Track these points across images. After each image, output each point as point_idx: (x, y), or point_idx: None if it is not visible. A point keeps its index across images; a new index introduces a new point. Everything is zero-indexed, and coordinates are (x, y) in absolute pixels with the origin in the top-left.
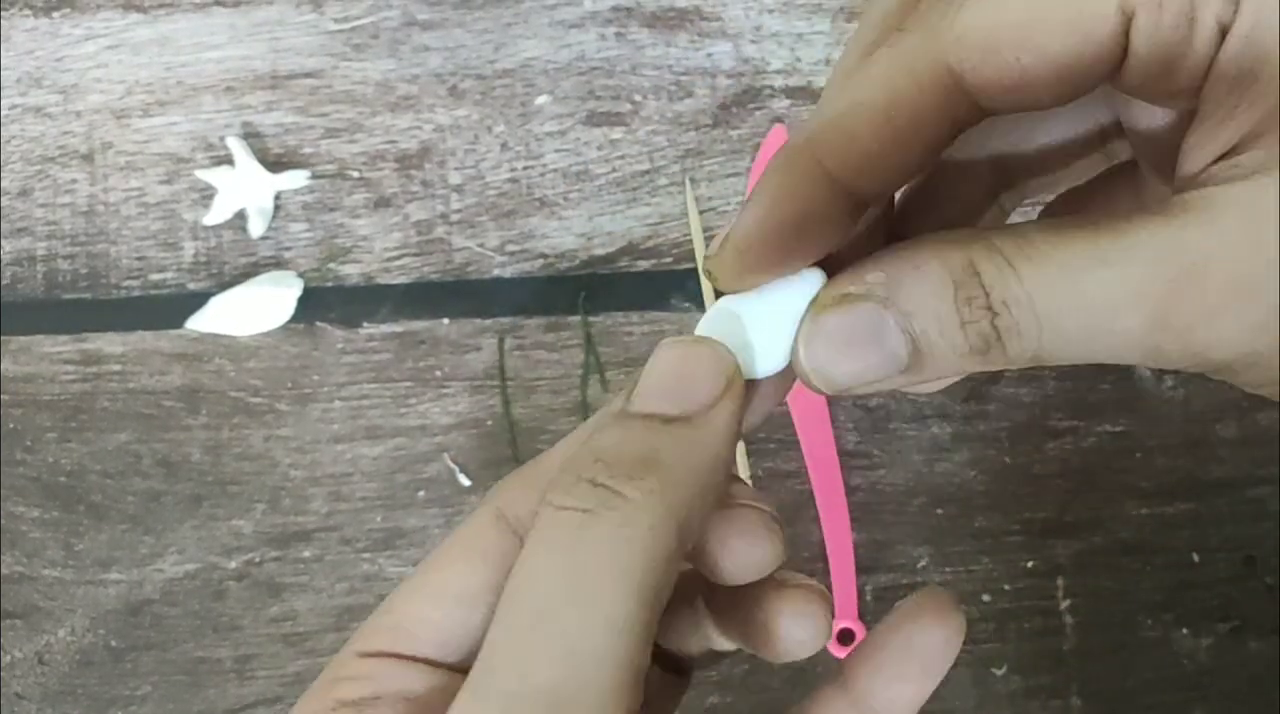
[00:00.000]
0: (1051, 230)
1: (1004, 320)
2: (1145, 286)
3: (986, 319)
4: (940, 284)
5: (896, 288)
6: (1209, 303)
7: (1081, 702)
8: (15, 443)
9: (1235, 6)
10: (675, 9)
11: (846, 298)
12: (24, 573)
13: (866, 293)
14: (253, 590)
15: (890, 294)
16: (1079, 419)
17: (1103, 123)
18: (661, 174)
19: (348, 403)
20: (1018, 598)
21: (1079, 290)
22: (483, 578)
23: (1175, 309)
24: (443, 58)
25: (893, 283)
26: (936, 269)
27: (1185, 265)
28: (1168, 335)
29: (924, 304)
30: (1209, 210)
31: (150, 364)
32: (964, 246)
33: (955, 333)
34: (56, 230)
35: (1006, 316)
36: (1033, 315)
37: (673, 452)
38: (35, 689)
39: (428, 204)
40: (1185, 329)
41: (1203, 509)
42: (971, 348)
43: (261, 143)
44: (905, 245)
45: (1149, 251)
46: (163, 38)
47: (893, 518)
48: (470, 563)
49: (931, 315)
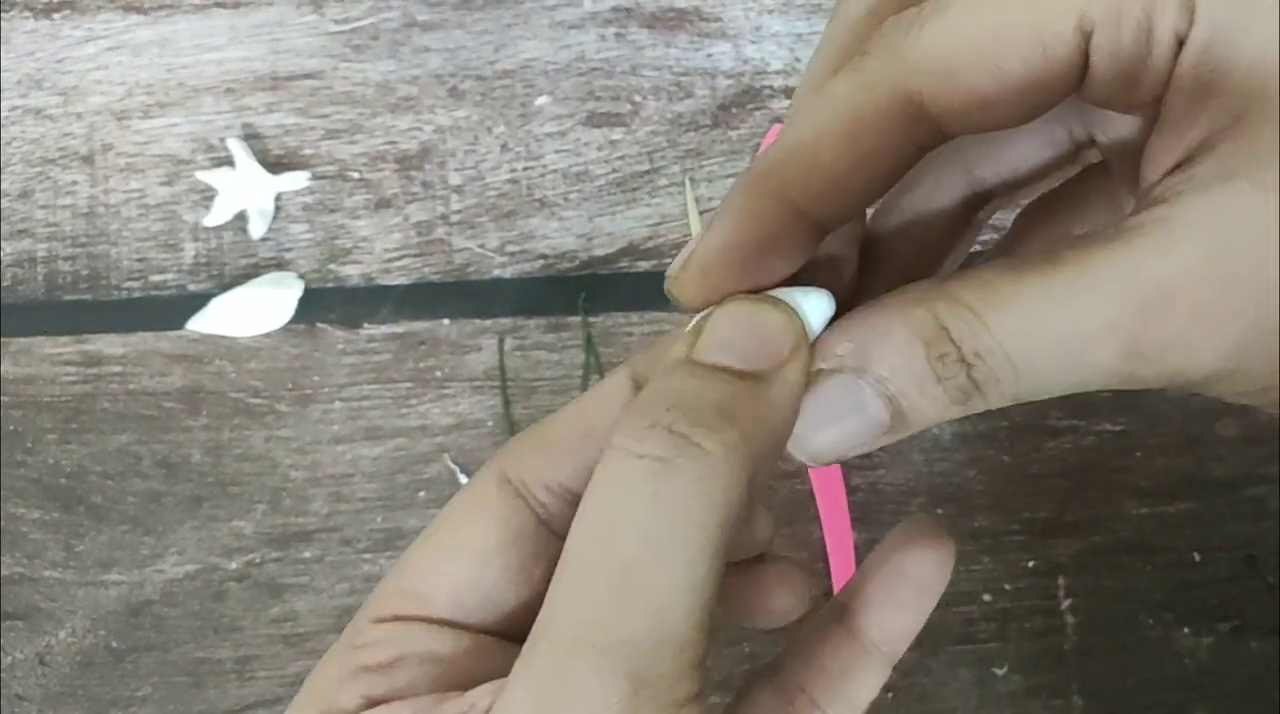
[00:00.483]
0: (1012, 272)
1: (980, 371)
2: (1112, 319)
3: (963, 373)
4: (911, 346)
5: (867, 356)
6: (1177, 327)
7: (1082, 701)
8: (16, 444)
9: (1191, 17)
10: (675, 9)
11: (818, 374)
12: (24, 574)
13: (839, 366)
14: (253, 591)
15: (862, 363)
16: (1079, 418)
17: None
18: (661, 174)
19: (348, 404)
20: (1018, 597)
21: (1048, 332)
22: (494, 538)
23: (1144, 337)
24: (443, 59)
25: (862, 352)
26: (904, 332)
27: (1148, 293)
28: (1141, 362)
29: (898, 368)
30: (1166, 233)
31: (151, 365)
32: (927, 304)
33: (934, 390)
34: (57, 232)
35: (982, 367)
36: (1007, 362)
37: (749, 407)
38: (36, 690)
39: (428, 205)
40: (1157, 355)
41: (1203, 508)
42: (953, 401)
43: (262, 144)
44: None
45: (1111, 284)
46: (163, 39)
47: (893, 518)
48: (480, 523)
49: (907, 377)
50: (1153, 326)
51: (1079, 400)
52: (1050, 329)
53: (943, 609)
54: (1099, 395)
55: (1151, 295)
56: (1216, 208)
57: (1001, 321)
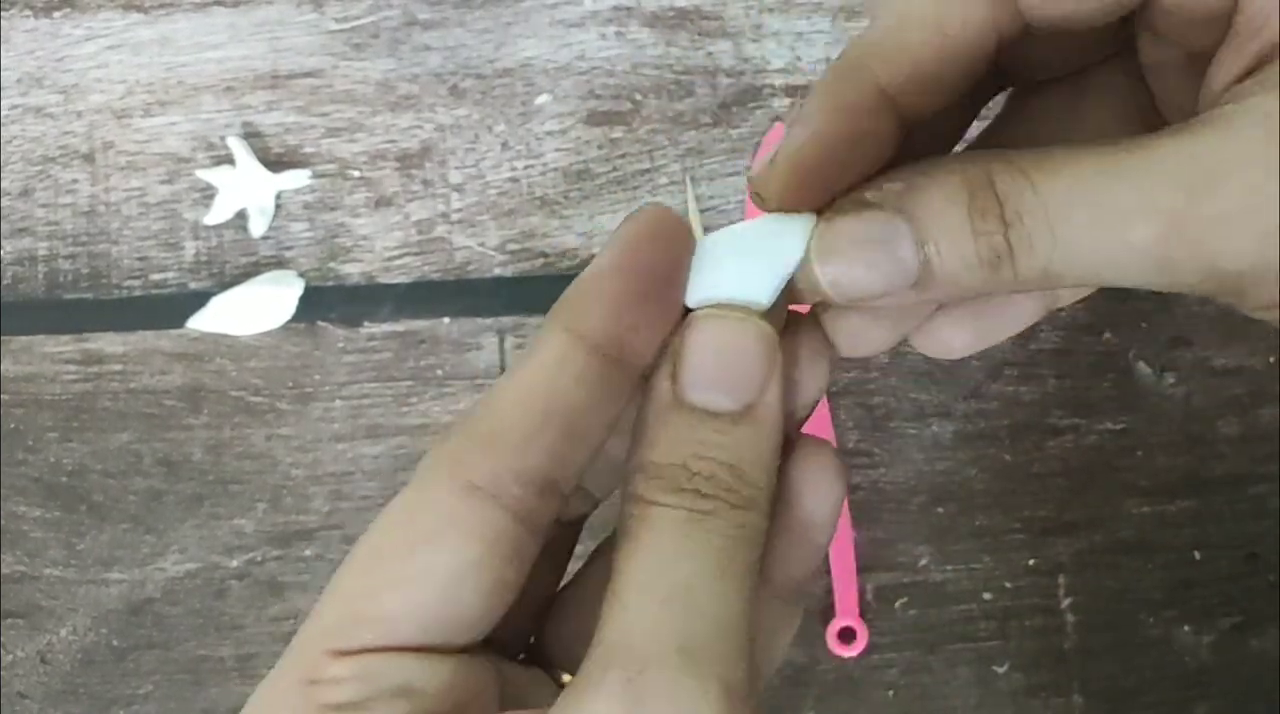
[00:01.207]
0: (1073, 149)
1: (1016, 232)
2: (1160, 196)
3: (1000, 231)
4: (955, 194)
5: (912, 197)
6: (1223, 210)
7: (1083, 699)
8: (17, 443)
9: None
10: (675, 8)
11: (862, 203)
12: (26, 572)
13: (882, 200)
14: (254, 589)
15: (905, 203)
16: (1080, 417)
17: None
18: (662, 173)
19: (349, 402)
20: (1019, 596)
21: (1094, 201)
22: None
23: (1189, 217)
24: (443, 57)
25: (909, 192)
26: (953, 180)
27: (1201, 174)
28: (1180, 245)
29: (937, 213)
30: (1225, 125)
31: (151, 364)
32: (984, 161)
33: (967, 243)
34: (57, 230)
35: (1019, 227)
36: (1046, 227)
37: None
38: (37, 688)
39: (428, 203)
40: (1198, 239)
41: (1204, 507)
42: (982, 260)
43: (262, 142)
44: (927, 160)
45: (1166, 163)
46: (163, 38)
47: (893, 516)
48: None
49: (944, 225)
50: (1198, 207)
51: (1080, 399)
52: (1096, 199)
53: (943, 607)
54: (1100, 394)
55: (1203, 176)
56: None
57: (1049, 185)
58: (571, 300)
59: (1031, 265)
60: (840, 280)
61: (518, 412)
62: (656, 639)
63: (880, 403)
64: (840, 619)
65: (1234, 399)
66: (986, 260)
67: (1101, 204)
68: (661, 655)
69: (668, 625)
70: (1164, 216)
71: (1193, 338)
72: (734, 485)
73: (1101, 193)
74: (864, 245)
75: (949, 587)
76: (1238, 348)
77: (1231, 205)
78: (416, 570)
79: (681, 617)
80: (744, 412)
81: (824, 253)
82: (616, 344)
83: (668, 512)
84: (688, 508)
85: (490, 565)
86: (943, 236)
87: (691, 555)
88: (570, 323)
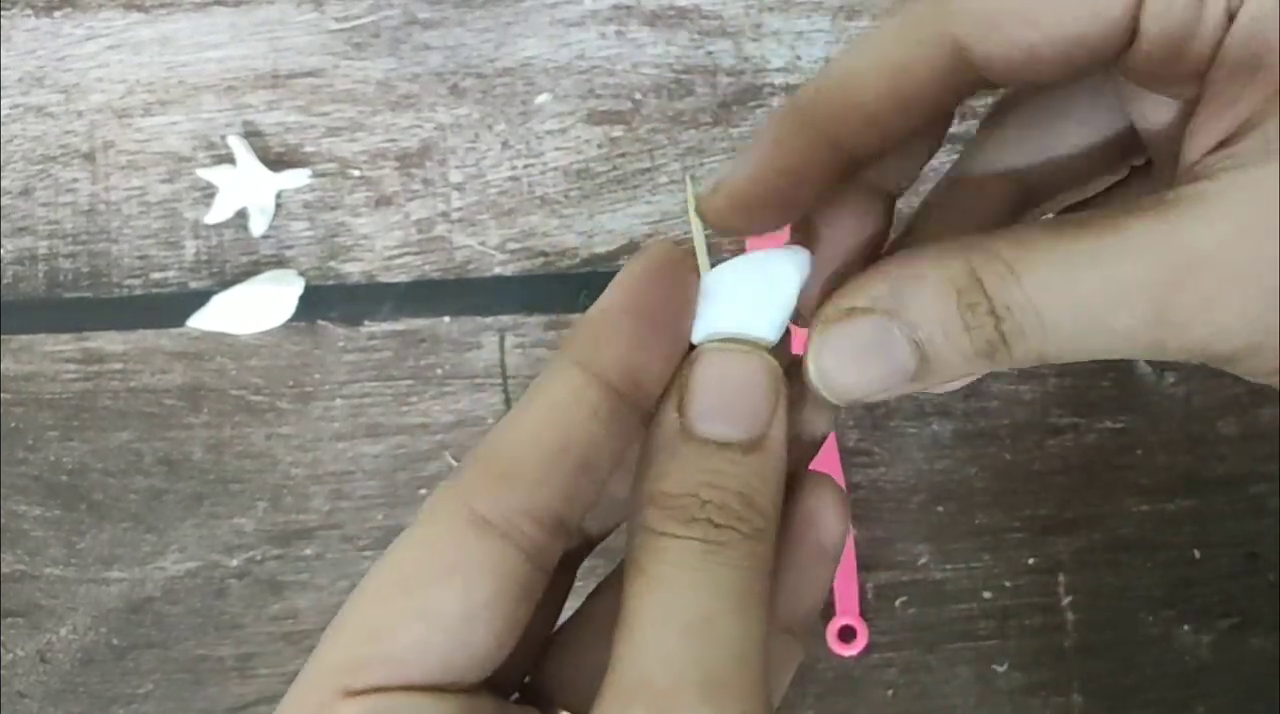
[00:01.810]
0: (1050, 231)
1: (1008, 324)
2: (1142, 284)
3: (991, 324)
4: (943, 292)
5: (900, 299)
6: (1206, 297)
7: (1083, 698)
8: (17, 441)
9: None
10: (675, 7)
11: (852, 312)
12: (26, 571)
13: (872, 306)
14: (254, 588)
15: (895, 306)
16: (1080, 416)
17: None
18: (662, 172)
19: (349, 401)
20: (1018, 595)
21: (1078, 291)
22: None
23: (1173, 305)
24: (443, 56)
25: (896, 294)
26: (939, 278)
27: (1180, 261)
28: (1167, 331)
29: (928, 313)
30: (1203, 204)
31: (152, 363)
32: (964, 254)
33: (961, 339)
34: (58, 229)
35: (1010, 320)
36: (1035, 317)
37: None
38: (37, 688)
39: (428, 202)
40: (1184, 325)
41: (1204, 506)
42: (978, 352)
43: (262, 141)
44: (906, 254)
45: (1144, 249)
46: (164, 37)
47: (893, 515)
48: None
49: (937, 323)
50: (1181, 295)
51: (1080, 398)
52: (1080, 288)
53: (943, 606)
54: (1100, 393)
55: (1183, 263)
56: (1255, 183)
57: (1033, 276)
58: (582, 336)
59: (1026, 352)
60: (842, 387)
61: (532, 448)
62: (677, 673)
63: (880, 402)
64: (840, 618)
65: (1234, 399)
66: (982, 351)
67: (1085, 294)
68: (683, 689)
69: (687, 658)
70: (1147, 305)
71: None
72: (745, 515)
73: (1084, 282)
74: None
75: (949, 585)
76: None
77: (1212, 294)
78: (428, 608)
79: (700, 649)
80: (754, 442)
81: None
82: (629, 381)
83: (682, 543)
84: (701, 539)
85: (501, 605)
86: (936, 334)
87: (707, 587)
88: (582, 358)
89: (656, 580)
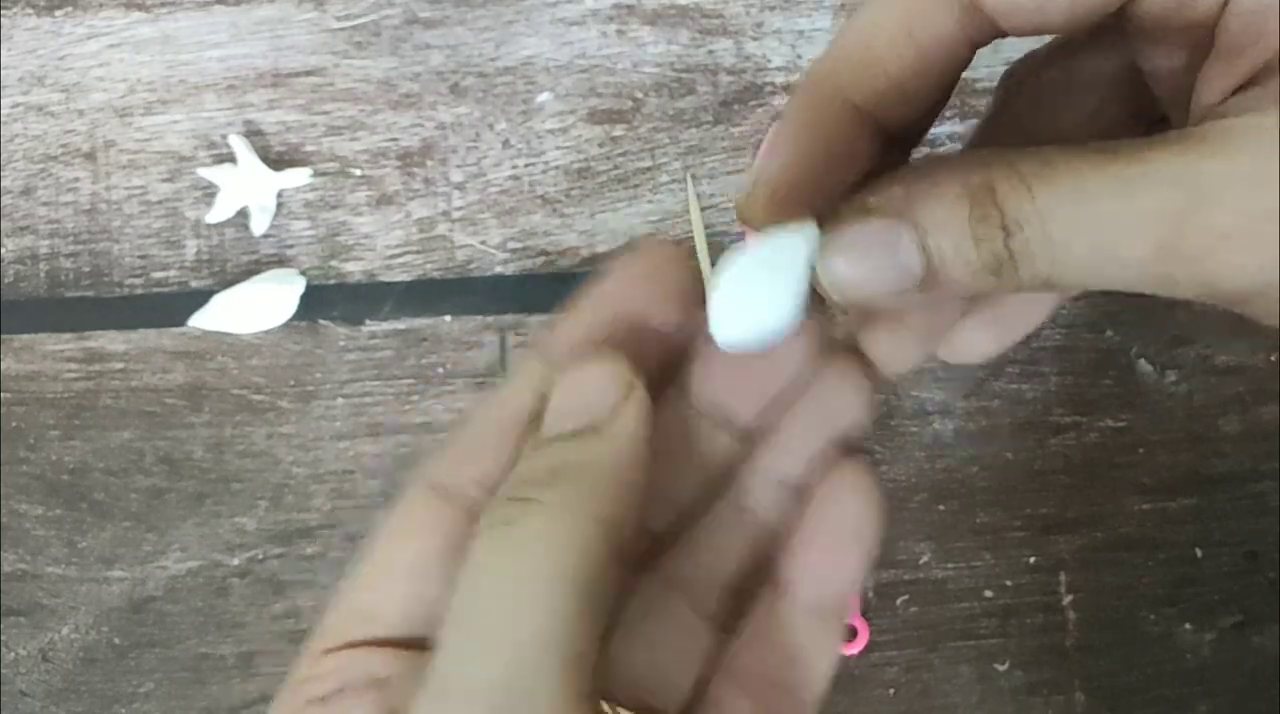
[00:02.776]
0: (1072, 154)
1: (1017, 240)
2: (1156, 214)
3: (1000, 238)
4: (956, 200)
5: (913, 202)
6: (1219, 231)
7: (1084, 697)
8: (18, 441)
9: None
10: (676, 6)
11: (865, 209)
12: (27, 570)
13: (884, 205)
14: (256, 587)
15: (907, 208)
16: (1081, 415)
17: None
18: (663, 171)
19: (350, 400)
20: (1020, 594)
21: (1091, 214)
22: (428, 549)
23: (1185, 237)
24: (444, 55)
25: (910, 198)
26: (954, 186)
27: (1196, 194)
28: (1178, 263)
29: (938, 219)
30: (1223, 139)
31: (153, 362)
32: (984, 165)
33: (969, 249)
34: (59, 228)
35: (1019, 236)
36: (1045, 236)
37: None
38: (39, 687)
39: (429, 201)
40: (1195, 258)
41: (1205, 504)
42: (984, 265)
43: (263, 141)
44: (928, 161)
45: (1162, 179)
46: (165, 36)
47: (894, 514)
48: (413, 537)
49: (945, 231)
50: (1194, 227)
51: (1081, 397)
52: (1093, 212)
53: (944, 605)
54: (1101, 392)
55: (1199, 193)
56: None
57: (1047, 195)
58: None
59: (1033, 272)
60: (846, 283)
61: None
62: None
63: (882, 401)
64: None
65: (1235, 397)
66: (989, 266)
67: (1099, 218)
68: (445, 696)
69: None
70: (1160, 235)
71: (1194, 336)
72: (548, 482)
73: (1098, 206)
74: (869, 249)
75: (950, 584)
76: (1239, 346)
77: (1229, 224)
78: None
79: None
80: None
81: (829, 258)
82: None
83: (488, 531)
84: (499, 521)
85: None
86: (945, 241)
87: (493, 580)
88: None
89: (461, 573)
